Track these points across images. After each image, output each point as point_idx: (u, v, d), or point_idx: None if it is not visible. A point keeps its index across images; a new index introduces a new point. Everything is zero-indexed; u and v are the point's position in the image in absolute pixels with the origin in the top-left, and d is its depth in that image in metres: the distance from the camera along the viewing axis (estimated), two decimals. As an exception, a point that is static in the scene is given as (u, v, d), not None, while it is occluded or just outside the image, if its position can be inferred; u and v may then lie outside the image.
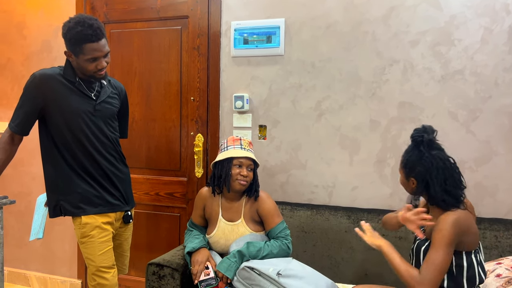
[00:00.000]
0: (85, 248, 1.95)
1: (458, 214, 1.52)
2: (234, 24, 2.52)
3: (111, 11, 2.86)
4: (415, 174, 1.60)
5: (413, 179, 1.61)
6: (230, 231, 2.02)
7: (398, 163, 2.27)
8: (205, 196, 2.14)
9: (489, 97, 2.14)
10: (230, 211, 2.06)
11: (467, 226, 1.53)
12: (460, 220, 1.50)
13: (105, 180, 1.99)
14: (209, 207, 2.11)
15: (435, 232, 1.52)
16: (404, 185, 1.69)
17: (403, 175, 1.67)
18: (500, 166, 2.14)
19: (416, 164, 1.59)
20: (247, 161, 1.99)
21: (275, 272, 1.78)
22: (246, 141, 2.06)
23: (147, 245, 2.87)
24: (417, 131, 1.63)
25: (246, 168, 1.99)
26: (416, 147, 1.62)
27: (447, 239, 1.48)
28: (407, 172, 1.64)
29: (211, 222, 2.10)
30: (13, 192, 3.17)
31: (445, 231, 1.49)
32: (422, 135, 1.60)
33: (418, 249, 1.63)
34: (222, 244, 2.03)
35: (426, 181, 1.57)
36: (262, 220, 2.03)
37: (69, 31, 1.81)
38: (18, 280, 3.23)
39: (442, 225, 1.50)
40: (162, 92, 2.76)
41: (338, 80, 2.36)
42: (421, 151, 1.60)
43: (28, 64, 3.09)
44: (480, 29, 2.13)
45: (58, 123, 1.91)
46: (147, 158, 2.83)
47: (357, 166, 2.36)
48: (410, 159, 1.62)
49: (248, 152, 2.01)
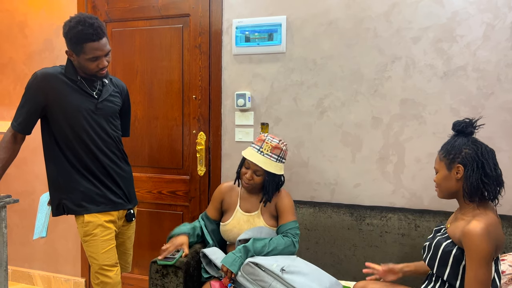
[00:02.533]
0: (88, 247, 1.96)
1: (487, 222, 1.44)
2: (236, 22, 2.51)
3: (113, 10, 2.86)
4: (461, 158, 1.51)
5: (459, 165, 1.51)
6: (245, 221, 2.04)
7: (400, 160, 2.28)
8: (224, 190, 2.16)
9: (491, 93, 2.13)
10: (249, 202, 2.08)
11: (497, 234, 1.46)
12: (490, 230, 1.42)
13: (108, 178, 2.00)
14: (228, 199, 2.13)
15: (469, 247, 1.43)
16: (444, 182, 1.57)
17: (445, 166, 1.55)
18: (503, 162, 2.13)
19: (464, 146, 1.52)
20: (255, 166, 1.97)
21: (279, 268, 1.78)
22: (268, 144, 1.97)
23: (150, 243, 2.88)
24: (460, 120, 1.58)
25: (253, 172, 1.98)
26: (460, 134, 1.56)
27: (487, 255, 1.41)
28: (451, 159, 1.53)
29: (228, 211, 2.12)
30: (17, 191, 3.18)
31: (483, 248, 1.40)
32: (465, 122, 1.56)
33: (438, 245, 1.56)
34: (235, 233, 2.04)
35: (474, 164, 1.48)
36: (278, 214, 2.05)
37: (70, 31, 1.81)
38: (22, 279, 3.24)
39: (476, 239, 1.41)
40: (164, 91, 2.77)
41: (340, 77, 2.36)
42: (467, 135, 1.55)
43: (30, 63, 3.09)
44: (483, 25, 2.12)
45: (60, 121, 1.91)
46: (150, 157, 2.84)
47: (359, 163, 2.36)
48: (455, 144, 1.54)
49: (260, 157, 1.95)
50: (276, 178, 2.02)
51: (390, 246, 2.13)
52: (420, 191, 2.26)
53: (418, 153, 2.25)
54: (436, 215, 2.12)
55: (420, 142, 2.24)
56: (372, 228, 2.18)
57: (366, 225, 2.20)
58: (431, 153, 2.23)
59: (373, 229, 2.18)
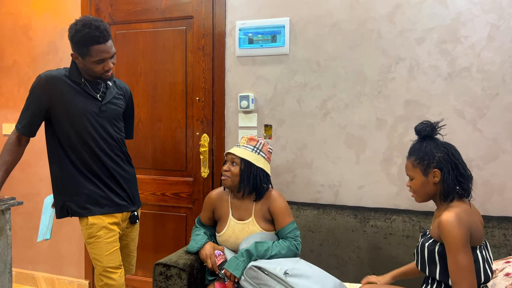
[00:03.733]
0: (92, 249, 1.96)
1: (457, 210, 1.50)
2: (239, 23, 2.52)
3: (116, 12, 2.87)
4: (436, 163, 1.54)
5: (436, 169, 1.55)
6: (240, 230, 2.02)
7: (404, 162, 2.26)
8: (214, 199, 2.13)
9: (496, 94, 2.12)
10: (241, 210, 2.05)
11: (470, 220, 1.51)
12: (461, 217, 1.48)
13: (111, 180, 2.00)
14: (219, 208, 2.10)
15: (445, 237, 1.48)
16: (422, 187, 1.60)
17: (421, 172, 1.58)
18: (508, 163, 2.12)
19: (435, 151, 1.55)
20: (230, 155, 2.00)
21: (282, 271, 1.78)
22: (244, 138, 2.05)
23: (154, 245, 2.88)
24: (422, 124, 1.61)
25: (230, 163, 2.00)
26: (427, 138, 1.59)
27: (460, 239, 1.45)
28: (426, 165, 1.56)
29: (222, 221, 2.09)
30: (21, 193, 3.19)
31: (454, 233, 1.45)
32: (429, 125, 1.59)
33: (423, 247, 1.60)
34: (232, 243, 2.03)
35: (449, 166, 1.53)
36: (273, 218, 2.02)
37: (76, 34, 1.82)
38: (26, 281, 3.25)
39: (447, 227, 1.47)
40: (168, 93, 2.77)
41: (344, 78, 2.35)
42: (434, 139, 1.59)
43: (34, 65, 3.11)
44: (487, 26, 2.11)
45: (64, 124, 1.92)
46: (153, 159, 2.84)
47: (363, 165, 2.35)
48: (426, 149, 1.57)
49: (236, 148, 2.01)
50: (253, 169, 1.97)
51: (394, 248, 2.12)
52: (425, 193, 2.25)
53: (422, 154, 2.24)
54: (441, 217, 2.11)
55: (425, 144, 2.24)
56: (376, 230, 2.17)
57: (370, 227, 2.19)
58: (435, 154, 2.22)
59: (377, 231, 2.17)
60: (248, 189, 1.99)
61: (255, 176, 1.98)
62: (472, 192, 1.58)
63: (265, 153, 2.03)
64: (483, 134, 2.15)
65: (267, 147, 2.06)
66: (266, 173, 2.01)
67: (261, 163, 1.99)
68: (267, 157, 2.04)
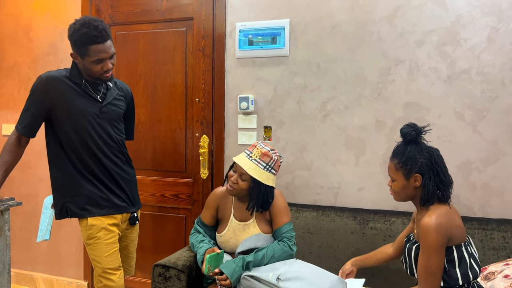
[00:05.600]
0: (91, 250, 1.96)
1: (437, 213, 1.52)
2: (239, 25, 2.52)
3: (116, 13, 2.87)
4: (418, 168, 1.57)
5: (417, 174, 1.58)
6: (240, 231, 2.01)
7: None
8: (219, 196, 2.11)
9: (496, 96, 2.12)
10: (243, 211, 2.04)
11: (450, 222, 1.53)
12: (441, 220, 1.50)
13: (111, 182, 2.00)
14: (223, 207, 2.09)
15: (422, 240, 1.52)
16: (403, 190, 1.62)
17: (403, 176, 1.61)
18: (508, 166, 2.12)
19: (418, 156, 1.57)
20: (241, 169, 1.91)
21: (275, 277, 1.78)
22: (258, 150, 1.92)
23: (153, 247, 2.87)
24: (408, 127, 1.61)
25: (238, 176, 1.93)
26: (411, 142, 1.61)
27: (436, 246, 1.49)
28: (408, 169, 1.58)
29: (223, 221, 2.08)
30: (20, 194, 3.19)
31: (431, 238, 1.49)
32: (415, 129, 1.60)
33: (410, 251, 1.64)
34: (232, 244, 2.02)
35: (431, 172, 1.56)
36: (271, 217, 2.01)
37: (75, 33, 1.82)
38: (24, 282, 3.24)
39: (426, 232, 1.50)
40: (167, 94, 2.77)
41: (344, 80, 2.36)
42: (418, 144, 1.60)
43: (35, 66, 3.11)
44: (487, 28, 2.11)
45: (64, 125, 1.92)
46: (153, 160, 2.84)
47: (363, 166, 2.35)
48: (409, 154, 1.59)
49: (247, 161, 1.90)
50: (262, 188, 1.92)
51: (394, 250, 2.12)
52: (424, 195, 2.25)
53: (422, 156, 2.24)
54: (440, 219, 2.11)
55: (424, 146, 2.24)
56: (375, 232, 2.17)
57: (370, 229, 2.19)
58: (435, 156, 2.22)
59: (376, 233, 2.17)
60: (257, 207, 1.96)
61: (264, 193, 1.94)
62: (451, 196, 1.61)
63: (276, 169, 1.95)
64: (482, 137, 2.15)
65: (279, 163, 1.97)
66: (272, 188, 1.97)
67: (270, 181, 1.92)
68: (277, 172, 1.97)
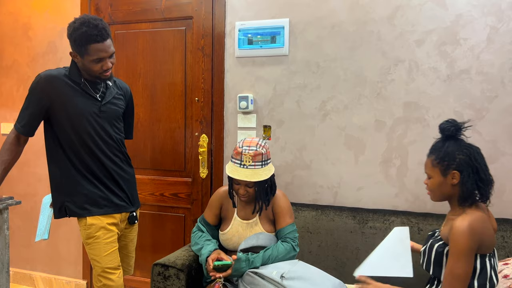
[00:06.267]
0: (90, 249, 1.95)
1: (473, 217, 1.46)
2: (239, 24, 2.52)
3: (116, 12, 2.86)
4: (456, 165, 1.50)
5: (455, 171, 1.50)
6: (244, 229, 2.02)
7: (403, 163, 2.27)
8: (223, 195, 2.11)
9: (495, 96, 2.12)
10: (246, 209, 2.04)
11: (483, 229, 1.47)
12: (474, 226, 1.44)
13: (110, 181, 2.00)
14: (226, 205, 2.10)
15: (452, 242, 1.46)
16: (439, 188, 1.56)
17: (440, 172, 1.53)
18: (507, 166, 2.12)
19: (457, 152, 1.50)
20: (244, 181, 1.92)
21: (278, 275, 1.78)
22: (247, 155, 1.88)
23: (152, 246, 2.87)
24: (448, 123, 1.55)
25: (244, 187, 1.94)
26: (450, 138, 1.54)
27: (466, 250, 1.42)
28: (446, 165, 1.51)
29: (226, 219, 2.09)
30: (19, 193, 3.18)
31: (462, 241, 1.43)
32: (454, 125, 1.54)
33: (431, 247, 1.58)
34: (235, 242, 2.02)
35: (470, 170, 1.49)
36: (274, 218, 2.02)
37: (75, 32, 1.82)
38: (23, 281, 3.24)
39: (457, 234, 1.44)
40: (167, 93, 2.77)
41: (343, 80, 2.36)
42: (458, 140, 1.54)
43: (34, 65, 3.10)
44: (486, 28, 2.11)
45: (63, 124, 1.91)
46: (152, 159, 2.84)
47: (362, 166, 2.35)
48: (447, 150, 1.52)
49: (244, 171, 1.88)
50: (264, 183, 1.96)
51: (393, 249, 2.12)
52: (423, 195, 2.25)
53: (421, 156, 2.24)
54: (439, 218, 2.11)
55: (424, 145, 2.24)
56: (375, 231, 2.17)
57: (369, 228, 2.19)
58: (434, 156, 2.22)
59: (376, 233, 2.17)
60: (266, 204, 1.99)
61: (267, 187, 1.99)
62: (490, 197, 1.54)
63: (269, 157, 1.97)
64: (482, 136, 2.15)
65: (269, 151, 1.97)
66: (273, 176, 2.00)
67: (271, 171, 1.95)
68: (270, 159, 1.99)
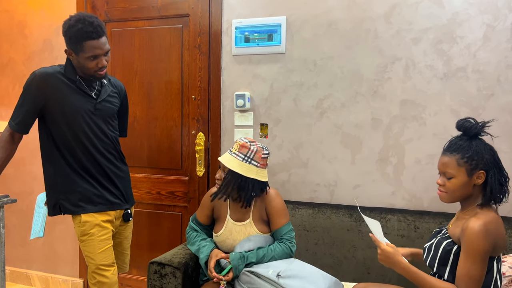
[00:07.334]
0: (85, 246, 1.95)
1: (488, 219, 1.44)
2: (235, 22, 2.51)
3: (112, 10, 2.85)
4: (484, 165, 1.47)
5: (482, 171, 1.48)
6: (237, 232, 2.00)
7: (400, 161, 2.27)
8: None
9: (491, 94, 2.12)
10: (239, 211, 2.02)
11: (497, 231, 1.46)
12: (490, 227, 1.43)
13: (105, 178, 1.99)
14: (218, 207, 2.08)
15: (467, 243, 1.43)
16: (460, 188, 1.51)
17: (466, 172, 1.49)
18: (504, 164, 2.11)
19: (484, 151, 1.48)
20: (223, 164, 1.94)
21: (275, 273, 1.78)
22: (237, 143, 1.94)
23: (149, 244, 2.86)
24: (470, 122, 1.53)
25: (222, 171, 1.95)
26: (474, 137, 1.52)
27: (482, 252, 1.41)
28: (474, 165, 1.47)
29: (219, 221, 2.07)
30: (15, 191, 3.16)
31: (479, 243, 1.40)
32: (478, 123, 1.52)
33: (439, 245, 1.56)
34: (229, 244, 2.01)
35: (495, 169, 1.47)
36: (269, 218, 2.00)
37: (70, 29, 1.81)
38: (19, 280, 3.23)
39: (473, 236, 1.41)
40: (163, 91, 2.76)
41: (340, 78, 2.35)
42: (481, 140, 1.52)
43: (30, 63, 3.09)
44: (483, 26, 2.11)
45: (58, 122, 1.90)
46: (149, 157, 2.83)
47: (359, 164, 2.35)
48: (476, 149, 1.48)
49: (227, 156, 1.93)
50: (240, 180, 1.90)
51: (389, 247, 2.12)
52: (420, 193, 2.25)
53: (418, 154, 2.25)
54: (435, 216, 2.11)
55: (420, 144, 2.24)
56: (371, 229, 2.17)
57: (366, 226, 2.18)
58: (431, 154, 2.22)
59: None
60: (226, 197, 1.94)
61: (240, 186, 1.91)
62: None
63: (258, 161, 1.91)
64: (478, 134, 2.15)
65: (260, 155, 1.92)
66: (259, 182, 1.93)
67: (252, 173, 1.89)
68: (261, 164, 1.92)
